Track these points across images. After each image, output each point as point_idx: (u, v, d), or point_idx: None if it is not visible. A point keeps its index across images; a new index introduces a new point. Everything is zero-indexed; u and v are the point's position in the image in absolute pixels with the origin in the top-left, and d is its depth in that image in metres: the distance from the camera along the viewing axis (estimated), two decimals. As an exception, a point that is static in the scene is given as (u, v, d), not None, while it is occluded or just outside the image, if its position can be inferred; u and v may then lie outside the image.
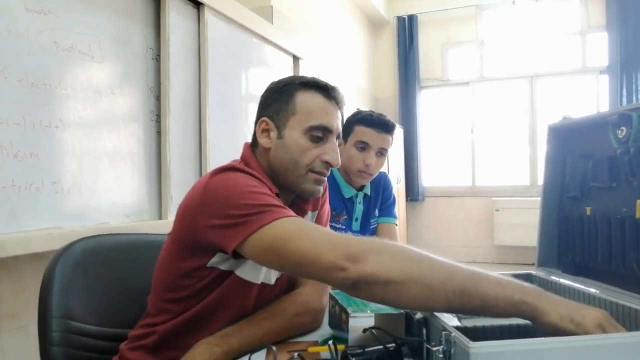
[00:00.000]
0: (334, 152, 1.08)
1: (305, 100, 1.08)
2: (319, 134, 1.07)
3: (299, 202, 1.17)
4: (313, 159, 1.07)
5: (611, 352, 0.69)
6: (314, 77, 1.13)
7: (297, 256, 0.86)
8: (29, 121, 1.68)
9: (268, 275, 1.07)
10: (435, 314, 0.82)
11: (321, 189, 1.12)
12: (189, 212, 0.99)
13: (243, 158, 1.13)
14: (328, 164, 1.08)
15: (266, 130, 1.10)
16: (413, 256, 0.84)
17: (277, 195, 1.05)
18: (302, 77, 1.13)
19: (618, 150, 1.05)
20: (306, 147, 1.06)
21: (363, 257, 0.82)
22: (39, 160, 1.71)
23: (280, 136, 1.08)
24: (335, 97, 1.11)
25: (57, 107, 1.78)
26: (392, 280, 0.81)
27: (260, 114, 1.13)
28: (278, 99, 1.10)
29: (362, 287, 0.83)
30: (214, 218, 0.93)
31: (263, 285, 1.07)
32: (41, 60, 1.73)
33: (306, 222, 0.94)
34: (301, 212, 1.17)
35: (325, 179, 1.11)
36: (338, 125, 1.10)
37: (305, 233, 0.88)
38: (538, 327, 0.78)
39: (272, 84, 1.15)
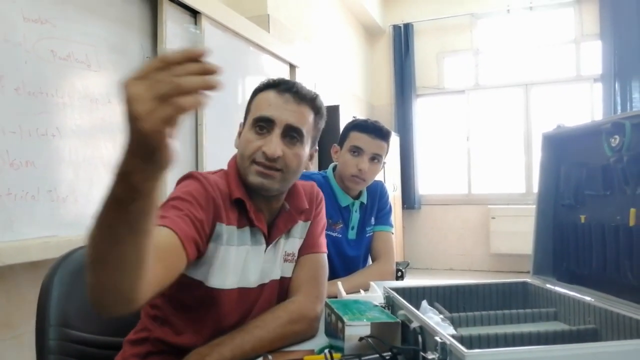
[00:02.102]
0: (271, 143, 1.06)
1: (259, 97, 1.13)
2: (261, 125, 1.09)
3: (291, 211, 1.18)
4: (255, 150, 1.08)
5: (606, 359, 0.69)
6: (279, 78, 1.15)
7: None
8: (25, 130, 1.68)
9: (244, 279, 1.09)
10: (431, 322, 0.82)
11: (267, 182, 1.07)
12: None
13: (228, 163, 1.18)
14: (266, 155, 1.06)
15: (239, 134, 1.16)
16: None
17: (238, 200, 1.07)
18: (270, 79, 1.16)
19: (612, 159, 1.06)
20: (250, 139, 1.09)
21: None
22: (35, 168, 1.71)
23: (240, 134, 1.15)
24: (289, 90, 1.10)
25: (53, 115, 1.79)
26: None
27: None
28: (248, 104, 1.17)
29: None
30: None
31: (242, 290, 1.08)
32: (38, 69, 1.73)
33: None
34: (291, 221, 1.18)
35: (272, 172, 1.07)
36: (287, 118, 1.08)
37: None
38: None
39: None
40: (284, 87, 1.11)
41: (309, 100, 1.13)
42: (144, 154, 0.56)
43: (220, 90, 0.57)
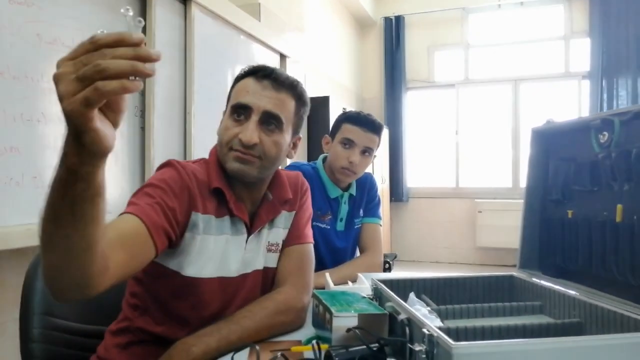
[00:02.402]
0: (247, 130, 1.05)
1: (239, 85, 1.12)
2: (239, 112, 1.08)
3: (274, 201, 1.17)
4: (232, 137, 1.07)
5: (591, 353, 0.70)
6: (259, 65, 1.14)
7: None
8: (10, 115, 1.65)
9: (224, 268, 1.08)
10: (418, 314, 0.83)
11: (245, 167, 1.06)
12: None
13: (209, 151, 1.16)
14: (241, 142, 1.05)
15: (221, 122, 1.15)
16: None
17: (217, 189, 1.06)
18: (250, 66, 1.14)
19: (600, 155, 1.07)
20: (228, 126, 1.09)
21: None
22: (19, 154, 1.68)
23: (221, 122, 1.13)
24: (268, 77, 1.09)
25: (39, 100, 1.75)
26: None
27: None
28: (229, 91, 1.15)
29: None
30: None
31: (223, 279, 1.08)
32: (24, 52, 1.70)
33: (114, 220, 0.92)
34: (274, 212, 1.17)
35: (250, 157, 1.06)
36: (265, 105, 1.07)
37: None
38: None
39: None
40: (263, 74, 1.10)
41: (289, 86, 1.11)
42: (73, 135, 0.57)
43: (152, 76, 0.57)
